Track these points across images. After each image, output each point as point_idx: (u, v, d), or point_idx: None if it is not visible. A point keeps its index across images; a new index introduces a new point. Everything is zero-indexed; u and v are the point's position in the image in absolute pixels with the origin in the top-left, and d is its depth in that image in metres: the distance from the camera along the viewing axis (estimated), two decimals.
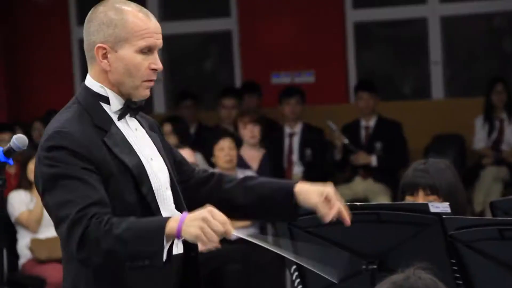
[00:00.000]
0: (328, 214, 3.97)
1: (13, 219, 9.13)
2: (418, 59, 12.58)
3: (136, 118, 3.97)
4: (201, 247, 3.94)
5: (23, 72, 12.65)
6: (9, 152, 4.46)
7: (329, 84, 12.27)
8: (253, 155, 10.25)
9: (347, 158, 10.94)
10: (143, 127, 3.98)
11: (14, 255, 9.21)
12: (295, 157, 11.19)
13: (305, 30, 12.23)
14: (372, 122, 11.23)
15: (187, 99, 11.93)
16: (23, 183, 9.15)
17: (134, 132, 3.94)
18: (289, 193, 4.04)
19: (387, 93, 12.03)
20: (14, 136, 4.76)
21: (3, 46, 12.52)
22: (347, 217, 4.01)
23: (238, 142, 9.69)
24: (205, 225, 3.62)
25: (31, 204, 9.12)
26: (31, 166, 9.01)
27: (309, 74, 12.33)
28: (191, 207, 3.87)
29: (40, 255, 9.12)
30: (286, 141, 11.24)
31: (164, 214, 3.84)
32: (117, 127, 3.88)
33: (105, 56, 3.86)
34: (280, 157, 11.06)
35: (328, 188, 4.01)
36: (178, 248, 3.92)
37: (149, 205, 3.84)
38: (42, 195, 3.82)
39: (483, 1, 12.18)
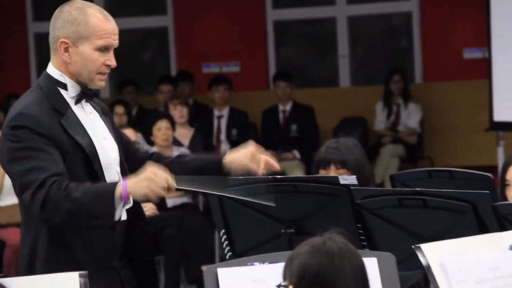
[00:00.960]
0: (258, 169, 3.96)
1: None
2: (328, 53, 12.61)
3: (90, 104, 3.94)
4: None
5: None
6: None
7: (252, 73, 12.27)
8: (184, 134, 10.27)
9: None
10: (97, 111, 3.96)
11: None
12: (222, 136, 11.20)
13: (232, 27, 12.22)
14: (288, 107, 11.25)
15: (129, 85, 11.90)
16: None
17: (89, 116, 3.91)
18: (219, 164, 4.03)
19: (301, 82, 12.04)
20: None
21: None
22: (275, 164, 4.03)
23: (174, 123, 9.65)
24: (151, 183, 3.64)
25: None
26: None
27: (235, 65, 12.32)
28: None
29: (1, 220, 9.03)
30: (215, 122, 11.24)
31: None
32: (73, 111, 3.85)
33: (66, 49, 3.83)
34: (210, 136, 11.07)
35: (250, 147, 4.02)
36: (122, 216, 3.89)
37: (99, 180, 3.82)
38: (7, 166, 3.81)
39: (383, 3, 12.23)
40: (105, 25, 3.87)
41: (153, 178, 3.67)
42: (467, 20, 11.33)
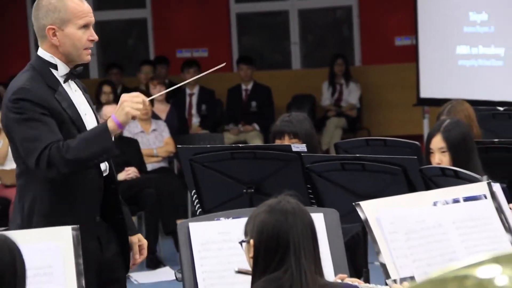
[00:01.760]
0: None
1: None
2: (282, 40, 12.57)
3: (75, 82, 3.90)
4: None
5: None
6: None
7: (218, 58, 12.18)
8: (162, 109, 10.20)
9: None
10: (80, 89, 3.92)
11: None
12: (194, 111, 11.14)
13: (201, 18, 12.14)
14: (249, 86, 11.20)
15: (114, 68, 11.78)
16: None
17: (74, 93, 3.87)
18: None
19: (260, 65, 12.01)
20: None
21: None
22: None
23: (152, 100, 9.60)
24: (129, 103, 3.68)
25: None
26: None
27: (204, 51, 12.25)
28: None
29: (6, 181, 8.95)
30: (187, 99, 11.18)
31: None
32: (63, 87, 3.81)
33: (54, 34, 3.77)
34: (183, 111, 11.00)
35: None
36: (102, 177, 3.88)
37: None
38: (12, 134, 3.77)
39: None
40: (81, 7, 3.81)
41: (128, 99, 3.70)
42: (398, 13, 11.32)
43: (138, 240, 4.00)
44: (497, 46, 8.78)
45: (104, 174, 3.88)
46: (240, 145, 4.79)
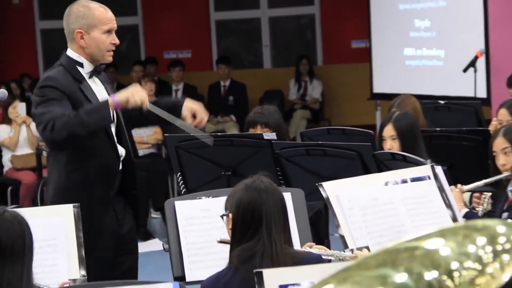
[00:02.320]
0: (192, 123, 3.93)
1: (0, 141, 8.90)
2: (255, 43, 12.55)
3: (98, 78, 3.90)
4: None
5: (6, 47, 12.29)
6: None
7: (200, 58, 12.18)
8: None
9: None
10: (102, 83, 3.91)
11: (0, 166, 8.97)
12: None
13: (186, 24, 12.09)
14: (227, 83, 11.18)
15: (111, 67, 11.71)
16: (5, 120, 8.87)
17: (98, 87, 3.87)
18: (180, 106, 4.00)
19: (236, 65, 11.97)
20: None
21: None
22: (203, 122, 3.96)
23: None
24: (133, 92, 3.70)
25: (11, 133, 8.85)
26: (11, 109, 8.78)
27: (188, 52, 12.21)
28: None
29: (17, 165, 8.89)
30: (173, 94, 11.13)
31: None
32: (87, 82, 3.82)
33: (82, 37, 3.78)
34: None
35: (195, 106, 3.98)
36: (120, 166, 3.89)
37: (105, 129, 3.82)
38: (34, 111, 3.79)
39: (294, 8, 12.19)
40: (106, 15, 3.83)
41: (136, 90, 3.71)
42: (354, 20, 11.33)
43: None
44: (438, 48, 8.81)
45: (121, 159, 3.88)
46: (219, 133, 4.78)
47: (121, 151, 3.89)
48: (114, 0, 8.70)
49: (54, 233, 3.33)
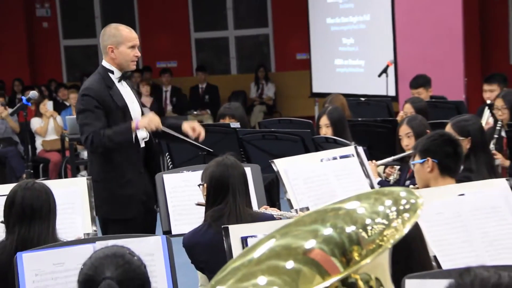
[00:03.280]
0: (193, 135, 3.88)
1: (33, 130, 8.78)
2: (225, 55, 12.44)
3: (126, 82, 3.84)
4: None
5: (38, 59, 12.09)
6: (29, 99, 4.46)
7: (184, 67, 12.06)
8: (147, 101, 10.08)
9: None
10: (129, 87, 3.86)
11: (33, 148, 8.85)
12: (168, 102, 11.04)
13: (173, 41, 11.98)
14: (204, 86, 11.10)
15: None
16: (37, 114, 8.79)
17: (125, 89, 3.81)
18: (180, 127, 3.95)
19: (211, 72, 11.89)
20: (31, 92, 4.59)
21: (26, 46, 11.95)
22: (202, 135, 3.89)
23: (141, 95, 9.46)
24: (149, 121, 3.71)
25: (42, 124, 8.75)
26: (41, 106, 8.70)
27: (174, 62, 12.10)
28: None
29: (46, 148, 8.80)
30: (164, 94, 11.04)
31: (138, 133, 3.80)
32: (116, 86, 3.76)
33: (112, 51, 3.73)
34: (161, 102, 10.89)
35: (194, 124, 3.93)
36: (142, 144, 3.84)
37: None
38: (77, 117, 3.79)
39: (254, 29, 12.12)
40: (131, 35, 3.77)
41: (153, 119, 3.71)
42: (298, 38, 11.26)
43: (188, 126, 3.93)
44: (360, 59, 8.84)
45: (145, 140, 3.83)
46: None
47: (145, 133, 3.82)
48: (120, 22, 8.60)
49: (72, 199, 3.31)
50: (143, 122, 3.71)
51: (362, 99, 6.56)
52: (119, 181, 3.69)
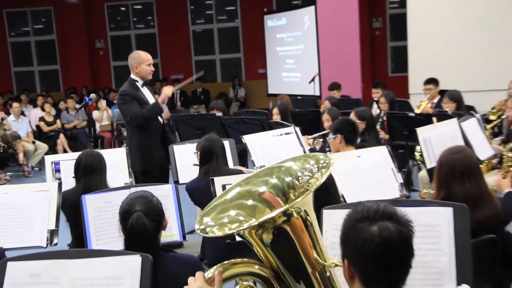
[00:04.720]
0: (167, 91, 3.74)
1: (94, 118, 8.56)
2: (213, 70, 12.17)
3: (147, 87, 3.73)
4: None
5: (97, 74, 11.75)
6: (90, 99, 4.50)
7: (187, 78, 11.82)
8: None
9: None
10: (149, 91, 3.75)
11: (94, 130, 8.63)
12: (177, 99, 10.85)
13: (181, 62, 11.71)
14: (200, 90, 10.95)
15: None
16: (96, 108, 8.65)
17: (146, 91, 3.70)
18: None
19: (204, 81, 11.63)
20: (92, 94, 4.50)
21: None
22: (169, 89, 3.77)
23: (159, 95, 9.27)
24: (164, 92, 3.70)
25: (99, 114, 8.56)
26: (99, 103, 8.60)
27: (181, 75, 11.85)
28: None
29: (102, 129, 8.64)
30: (175, 95, 10.81)
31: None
32: (140, 89, 3.65)
33: (136, 68, 3.63)
34: (173, 100, 10.66)
35: (165, 88, 3.79)
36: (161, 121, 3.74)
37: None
38: (119, 107, 3.64)
39: (232, 54, 11.90)
40: (147, 57, 3.68)
41: (163, 91, 3.63)
42: (259, 59, 11.01)
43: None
44: (297, 73, 8.86)
45: (162, 122, 3.73)
46: (196, 114, 4.68)
47: (161, 119, 3.72)
48: (147, 51, 8.44)
49: (117, 161, 3.25)
50: (162, 96, 3.64)
51: (299, 97, 6.58)
52: (147, 147, 3.61)
